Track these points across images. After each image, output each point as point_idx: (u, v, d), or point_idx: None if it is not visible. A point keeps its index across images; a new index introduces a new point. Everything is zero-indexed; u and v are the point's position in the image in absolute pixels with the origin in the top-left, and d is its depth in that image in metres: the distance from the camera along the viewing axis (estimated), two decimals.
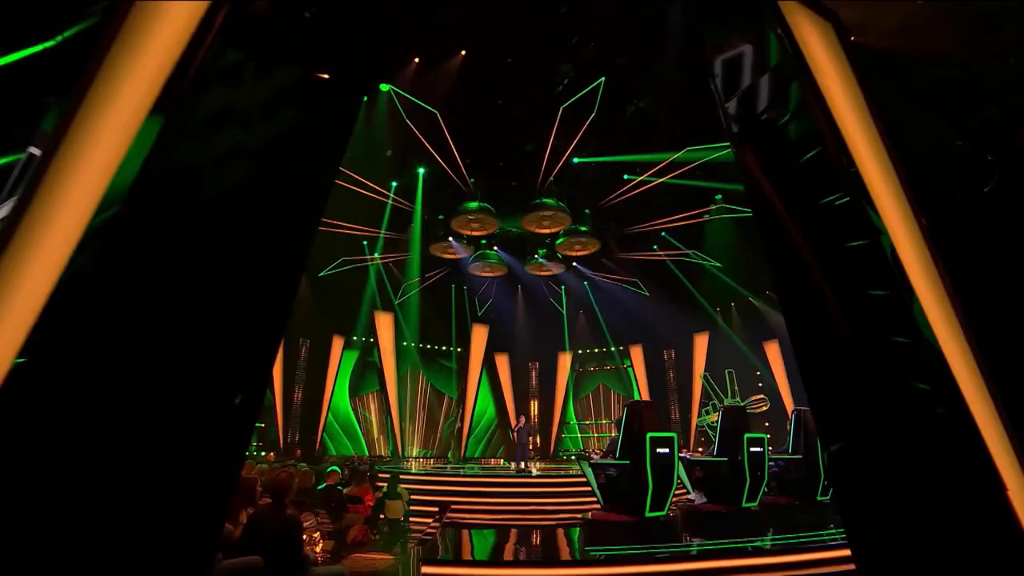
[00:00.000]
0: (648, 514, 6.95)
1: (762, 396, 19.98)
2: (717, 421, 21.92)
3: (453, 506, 10.80)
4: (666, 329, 21.83)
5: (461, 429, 22.68)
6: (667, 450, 7.16)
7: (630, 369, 23.18)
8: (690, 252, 18.20)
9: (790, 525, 8.00)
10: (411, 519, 10.02)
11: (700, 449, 19.72)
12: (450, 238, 17.07)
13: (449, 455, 23.18)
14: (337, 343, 21.28)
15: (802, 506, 8.66)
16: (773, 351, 20.02)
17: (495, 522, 10.12)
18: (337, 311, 20.93)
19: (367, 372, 22.41)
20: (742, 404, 20.38)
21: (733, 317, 20.83)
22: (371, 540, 8.33)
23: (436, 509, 10.63)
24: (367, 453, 21.65)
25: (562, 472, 13.16)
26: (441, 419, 23.47)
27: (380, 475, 12.96)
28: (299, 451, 17.43)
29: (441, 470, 15.68)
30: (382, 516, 9.32)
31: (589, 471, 7.79)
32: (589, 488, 11.42)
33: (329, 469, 7.44)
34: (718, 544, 6.49)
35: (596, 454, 8.38)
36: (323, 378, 20.76)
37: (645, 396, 22.30)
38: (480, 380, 23.27)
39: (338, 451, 20.80)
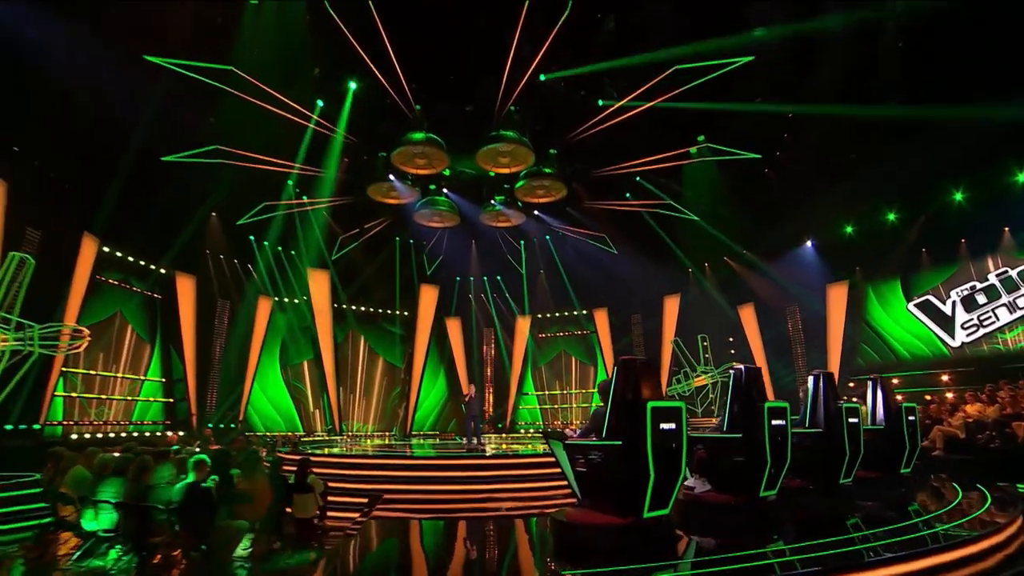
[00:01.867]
0: (647, 514, 5.08)
1: (737, 364, 18.64)
2: (688, 390, 20.77)
3: (387, 495, 8.74)
4: (635, 291, 20.19)
5: (407, 402, 20.57)
6: (674, 425, 5.27)
7: (594, 335, 21.52)
8: (666, 199, 16.38)
9: (819, 519, 6.34)
10: (333, 514, 7.95)
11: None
12: (391, 177, 14.62)
13: (394, 430, 21.12)
14: (264, 305, 18.66)
15: (820, 491, 7.05)
16: (748, 316, 18.70)
17: (438, 516, 8.14)
18: (263, 268, 18.25)
19: (300, 338, 19.92)
20: (716, 372, 19.07)
21: (708, 279, 19.32)
22: (268, 552, 6.20)
23: (365, 500, 8.56)
24: (301, 430, 19.32)
25: (521, 450, 11.31)
26: (384, 391, 21.29)
27: (311, 457, 10.80)
28: (209, 430, 14.95)
29: (379, 450, 13.62)
30: (288, 510, 7.20)
31: (562, 455, 5.84)
32: (557, 470, 9.62)
33: (195, 459, 5.28)
34: (755, 555, 4.71)
35: (571, 430, 6.37)
36: (247, 345, 18.17)
37: (609, 363, 20.76)
38: (429, 347, 21.15)
39: (267, 428, 18.39)
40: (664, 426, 5.25)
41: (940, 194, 13.70)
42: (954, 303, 14.67)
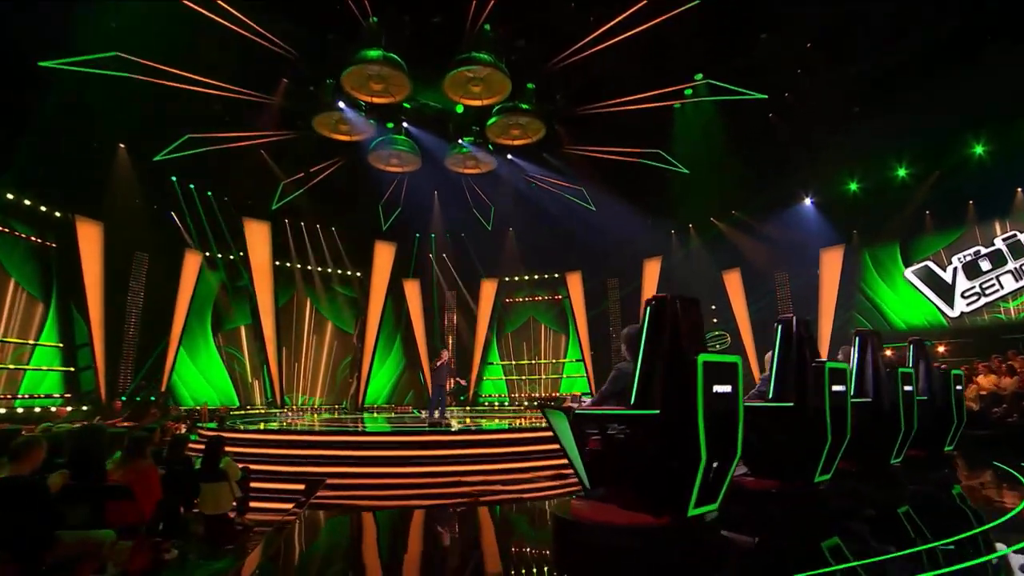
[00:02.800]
0: (693, 511, 3.68)
1: (721, 332, 17.67)
2: None
3: (331, 480, 7.14)
4: (612, 253, 18.83)
5: (359, 372, 18.81)
6: (729, 388, 3.85)
7: (566, 300, 20.16)
8: (651, 152, 14.95)
9: (891, 512, 5.12)
10: (259, 506, 6.33)
11: None
12: (342, 105, 12.61)
13: (344, 404, 19.38)
14: (192, 261, 16.45)
15: (868, 474, 5.85)
16: (734, 281, 17.66)
17: (394, 504, 6.63)
18: (190, 216, 15.98)
19: (236, 300, 17.82)
20: (704, 340, 17.99)
21: (693, 240, 18.13)
22: (154, 566, 4.54)
23: (303, 487, 6.96)
24: (237, 403, 17.37)
25: (494, 424, 9.84)
26: (334, 360, 19.45)
27: (232, 435, 9.05)
28: (119, 403, 12.87)
29: (324, 425, 11.95)
30: (196, 510, 5.54)
31: (566, 431, 4.34)
32: (536, 451, 8.23)
33: (20, 442, 3.57)
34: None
35: (575, 400, 4.82)
36: (171, 306, 15.98)
37: (583, 332, 19.51)
38: (384, 312, 19.36)
39: (197, 402, 16.35)
40: (718, 389, 3.84)
41: (959, 147, 12.73)
42: (955, 270, 13.92)
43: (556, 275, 20.32)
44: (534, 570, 4.23)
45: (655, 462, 3.82)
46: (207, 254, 16.82)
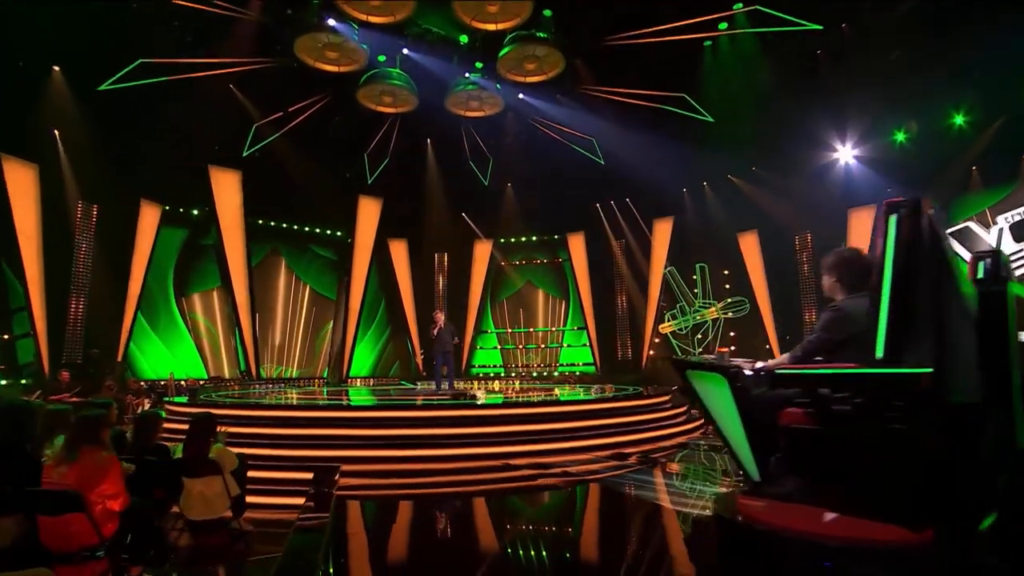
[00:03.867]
0: (986, 523, 2.42)
1: (741, 298, 16.65)
2: (686, 327, 18.74)
3: (345, 466, 5.72)
4: (619, 212, 17.51)
5: (343, 340, 17.20)
6: None
7: (567, 264, 18.84)
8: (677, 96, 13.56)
9: None
10: (258, 502, 4.91)
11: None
12: (332, 23, 10.76)
13: (325, 374, 17.81)
14: (150, 213, 14.52)
15: None
16: (750, 244, 16.58)
17: (431, 492, 5.31)
18: (149, 162, 13.87)
19: (202, 260, 15.94)
20: (718, 307, 17.01)
21: (706, 198, 16.92)
22: None
23: (310, 477, 5.55)
24: (205, 375, 15.63)
25: (532, 398, 8.51)
26: (312, 327, 17.80)
27: (212, 410, 7.47)
28: (67, 373, 11.04)
29: (322, 400, 10.47)
30: (176, 510, 4.09)
31: (726, 400, 3.04)
32: (586, 427, 6.94)
33: None
34: None
35: (719, 358, 3.43)
36: (126, 265, 14.04)
37: (586, 298, 18.24)
38: (368, 275, 17.70)
39: (157, 373, 14.56)
40: None
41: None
42: (1000, 231, 13.01)
43: (556, 236, 18.95)
44: None
45: (921, 447, 2.51)
46: (166, 207, 14.86)
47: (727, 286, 17.17)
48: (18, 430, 3.14)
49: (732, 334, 16.97)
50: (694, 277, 17.55)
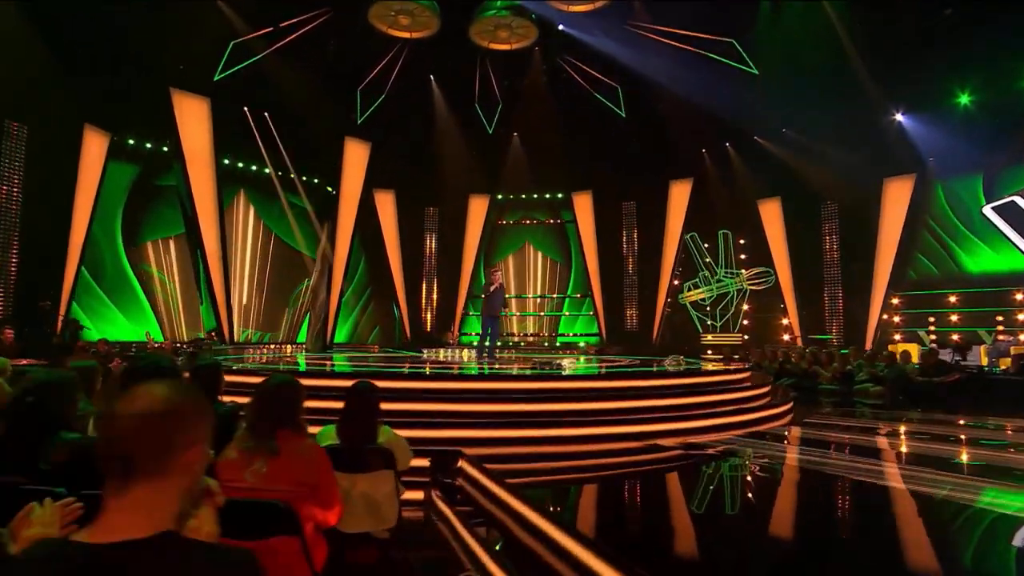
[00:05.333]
0: None
1: (766, 268, 15.93)
2: (707, 299, 17.95)
3: (467, 449, 4.39)
4: (634, 171, 16.27)
5: (327, 303, 15.39)
6: None
7: (571, 226, 17.59)
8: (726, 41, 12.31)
9: None
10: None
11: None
12: None
13: (302, 338, 16.01)
14: (95, 142, 12.22)
15: None
16: (771, 212, 15.83)
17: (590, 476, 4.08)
18: (95, 81, 11.37)
19: (160, 202, 13.71)
20: (743, 277, 16.26)
21: (731, 160, 15.94)
22: None
23: (426, 464, 4.19)
24: (161, 338, 13.57)
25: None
26: (284, 285, 15.90)
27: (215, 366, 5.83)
28: (10, 331, 8.94)
29: (430, 368, 8.90)
30: None
31: None
32: (710, 403, 5.86)
33: None
34: None
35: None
36: (67, 202, 11.74)
37: (592, 263, 17.11)
38: (354, 229, 15.84)
39: (104, 335, 12.41)
40: None
41: None
42: None
43: (561, 195, 17.60)
44: None
45: None
46: (114, 137, 12.50)
47: (743, 256, 16.46)
48: (70, 404, 2.26)
49: (746, 307, 16.36)
50: (705, 246, 16.73)
